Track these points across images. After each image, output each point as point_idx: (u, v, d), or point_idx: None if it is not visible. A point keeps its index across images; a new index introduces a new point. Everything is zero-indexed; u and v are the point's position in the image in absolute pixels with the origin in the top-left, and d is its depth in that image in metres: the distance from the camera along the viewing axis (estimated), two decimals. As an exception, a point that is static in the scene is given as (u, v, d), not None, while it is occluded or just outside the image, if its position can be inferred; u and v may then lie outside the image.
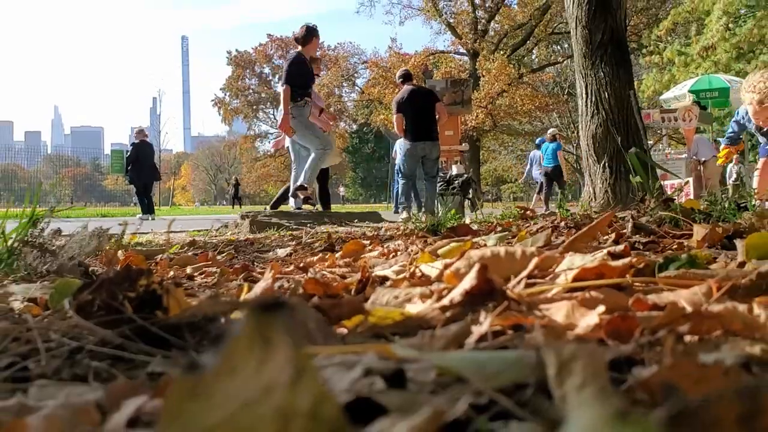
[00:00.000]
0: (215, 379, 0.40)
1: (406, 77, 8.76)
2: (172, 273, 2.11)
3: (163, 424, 0.39)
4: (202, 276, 2.01)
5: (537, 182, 15.50)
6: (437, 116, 8.43)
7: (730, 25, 21.99)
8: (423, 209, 8.06)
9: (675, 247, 1.77)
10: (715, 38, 21.60)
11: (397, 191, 9.83)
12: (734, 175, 15.46)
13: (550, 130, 15.37)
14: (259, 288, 1.31)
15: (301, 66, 7.36)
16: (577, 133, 7.82)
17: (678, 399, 0.38)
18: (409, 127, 8.30)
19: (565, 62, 36.25)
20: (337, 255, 2.30)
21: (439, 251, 1.79)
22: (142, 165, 14.20)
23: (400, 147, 9.34)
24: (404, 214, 7.84)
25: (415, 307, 1.02)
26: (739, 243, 1.36)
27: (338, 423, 0.41)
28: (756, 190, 3.54)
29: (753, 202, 2.61)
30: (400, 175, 8.85)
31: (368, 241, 2.71)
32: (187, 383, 0.40)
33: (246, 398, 0.40)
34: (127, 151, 15.11)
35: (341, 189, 67.67)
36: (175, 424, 0.39)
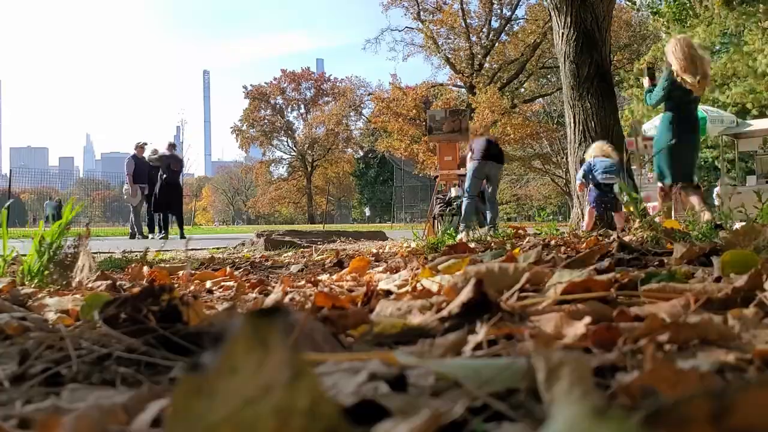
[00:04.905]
0: (217, 377, 0.39)
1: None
2: (192, 287, 2.11)
3: (171, 422, 0.38)
4: (221, 290, 2.00)
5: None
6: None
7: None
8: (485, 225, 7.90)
9: (656, 263, 1.76)
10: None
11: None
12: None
13: None
14: (270, 300, 1.31)
15: None
16: (566, 158, 7.83)
17: (655, 399, 0.38)
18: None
19: (554, 93, 36.39)
20: (345, 270, 2.30)
21: (439, 267, 1.79)
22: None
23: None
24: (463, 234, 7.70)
25: (416, 318, 1.02)
26: (715, 260, 1.36)
27: (336, 421, 0.41)
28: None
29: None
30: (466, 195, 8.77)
31: (373, 258, 2.71)
32: (192, 382, 0.39)
33: (247, 396, 0.39)
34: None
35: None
36: (182, 421, 0.38)
